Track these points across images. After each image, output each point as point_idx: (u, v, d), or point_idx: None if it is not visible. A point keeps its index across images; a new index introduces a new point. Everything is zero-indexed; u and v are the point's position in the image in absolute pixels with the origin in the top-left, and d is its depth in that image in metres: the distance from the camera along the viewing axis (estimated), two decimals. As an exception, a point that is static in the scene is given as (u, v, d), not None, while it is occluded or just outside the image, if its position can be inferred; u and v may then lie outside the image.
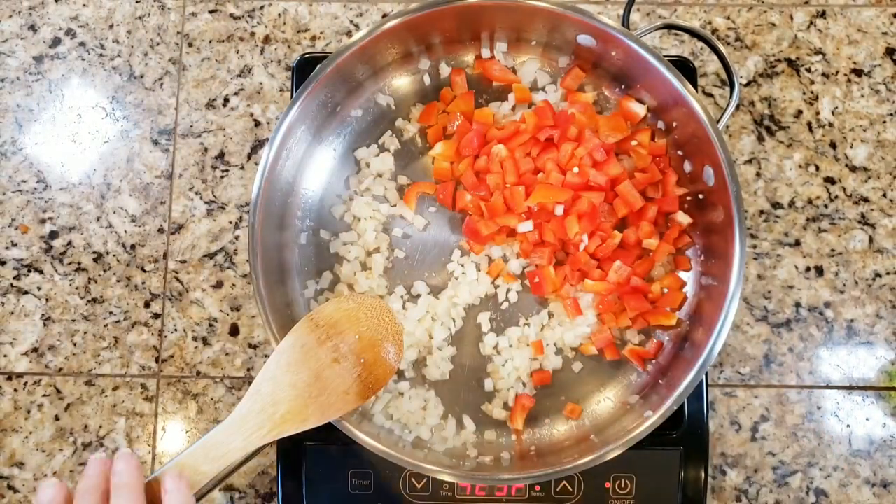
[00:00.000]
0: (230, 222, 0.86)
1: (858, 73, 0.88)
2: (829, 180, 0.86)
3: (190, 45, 0.90)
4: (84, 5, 0.91)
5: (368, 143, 0.82)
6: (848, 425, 0.81)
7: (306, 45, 0.90)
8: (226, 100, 0.89)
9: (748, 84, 0.88)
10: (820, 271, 0.84)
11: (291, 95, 0.87)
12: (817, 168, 0.86)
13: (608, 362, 0.77)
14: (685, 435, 0.76)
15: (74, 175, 0.87)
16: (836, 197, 0.85)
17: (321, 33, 0.90)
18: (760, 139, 0.86)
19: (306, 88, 0.72)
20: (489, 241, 0.79)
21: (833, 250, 0.84)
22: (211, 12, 0.91)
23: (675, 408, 0.67)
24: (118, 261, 0.85)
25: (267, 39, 0.90)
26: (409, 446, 0.73)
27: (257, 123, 0.88)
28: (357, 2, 0.91)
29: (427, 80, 0.82)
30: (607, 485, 0.75)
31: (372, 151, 0.81)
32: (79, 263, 0.85)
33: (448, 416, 0.76)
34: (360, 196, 0.80)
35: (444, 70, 0.82)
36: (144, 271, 0.85)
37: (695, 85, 0.83)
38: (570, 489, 0.75)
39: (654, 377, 0.75)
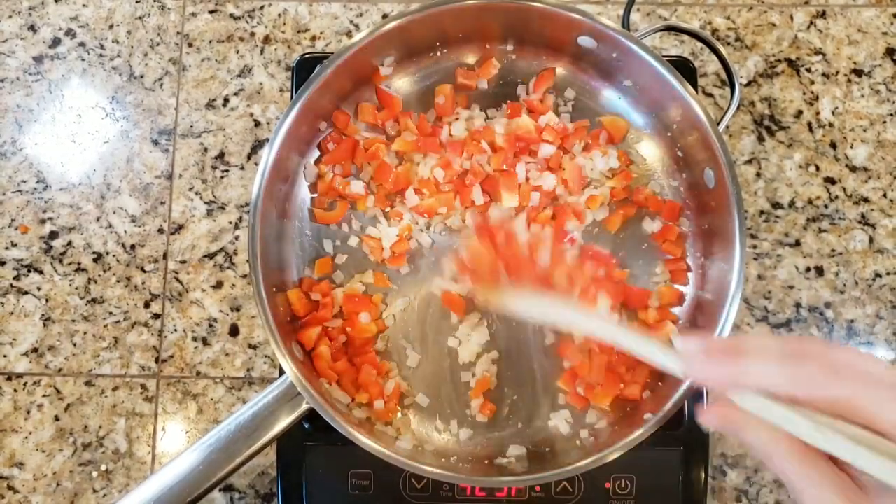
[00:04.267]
0: (230, 222, 0.86)
1: (859, 73, 0.88)
2: (830, 180, 0.86)
3: (190, 45, 0.90)
4: (84, 5, 0.91)
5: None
6: (848, 426, 0.81)
7: (306, 45, 0.90)
8: (226, 100, 0.88)
9: (748, 84, 0.88)
10: (820, 271, 0.84)
11: (291, 96, 0.87)
12: (817, 168, 0.86)
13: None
14: (685, 435, 0.76)
15: (74, 175, 0.87)
16: (837, 197, 0.85)
17: (321, 33, 0.90)
18: (760, 139, 0.86)
19: (306, 89, 0.72)
20: None
21: (833, 250, 0.84)
22: (211, 12, 0.91)
23: (676, 409, 0.67)
24: (118, 261, 0.85)
25: (267, 39, 0.90)
26: (408, 448, 0.73)
27: (257, 123, 0.88)
28: (357, 2, 0.91)
29: (427, 81, 0.82)
30: (607, 485, 0.75)
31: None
32: (79, 264, 0.85)
33: (450, 421, 0.77)
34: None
35: (444, 71, 0.82)
36: (144, 271, 0.85)
37: (695, 85, 0.83)
38: (571, 490, 0.75)
39: (654, 378, 0.75)
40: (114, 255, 0.85)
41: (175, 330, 0.84)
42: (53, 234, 0.86)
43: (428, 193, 0.78)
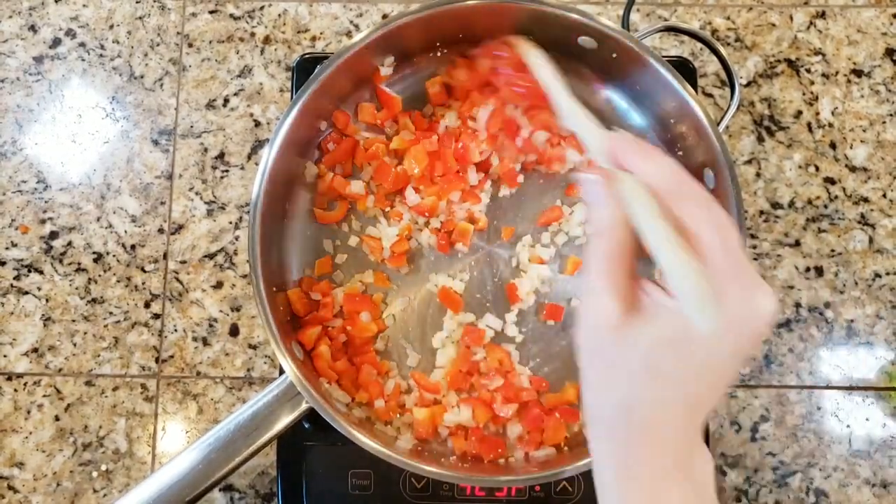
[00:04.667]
0: (230, 223, 0.86)
1: (858, 73, 0.88)
2: (829, 181, 0.86)
3: (190, 45, 0.90)
4: (84, 6, 0.92)
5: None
6: (848, 425, 0.81)
7: (306, 45, 0.90)
8: (226, 100, 0.89)
9: (748, 84, 0.88)
10: (820, 271, 0.84)
11: (291, 96, 0.87)
12: (817, 168, 0.86)
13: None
14: (685, 435, 0.76)
15: (74, 175, 0.88)
16: (836, 197, 0.85)
17: (321, 34, 0.90)
18: (760, 139, 0.86)
19: (306, 89, 0.72)
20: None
21: (833, 251, 0.84)
22: (211, 13, 0.91)
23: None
24: (118, 261, 0.85)
25: (267, 40, 0.90)
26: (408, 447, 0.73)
27: (257, 124, 0.88)
28: (357, 2, 0.91)
29: (426, 81, 0.82)
30: (607, 485, 0.75)
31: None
32: (79, 264, 0.85)
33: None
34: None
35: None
36: (144, 272, 0.85)
37: (694, 86, 0.83)
38: (571, 489, 0.75)
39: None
40: (114, 255, 0.86)
41: (175, 330, 0.84)
42: (53, 234, 0.86)
43: (424, 189, 0.78)
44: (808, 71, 0.88)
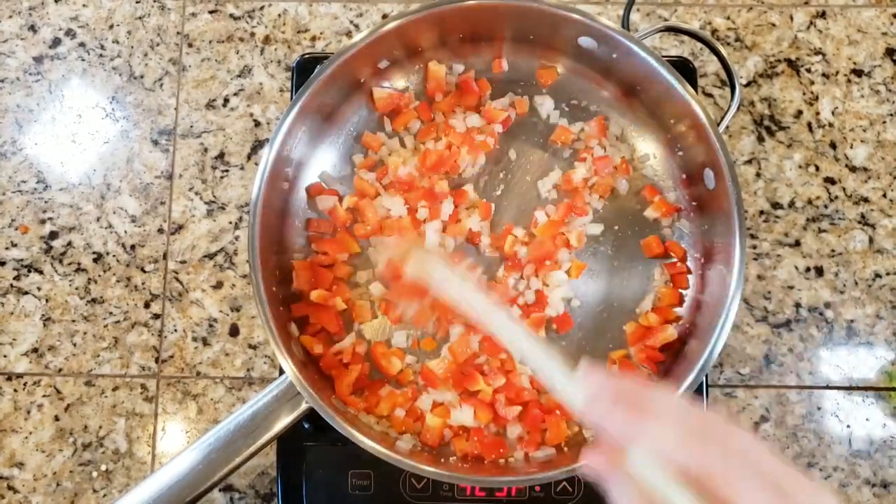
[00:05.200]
0: (230, 223, 0.86)
1: (858, 73, 0.88)
2: (829, 180, 0.86)
3: (190, 45, 0.90)
4: (84, 5, 0.91)
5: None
6: (848, 426, 0.81)
7: (306, 45, 0.90)
8: (226, 100, 0.89)
9: (748, 84, 0.88)
10: (820, 272, 0.84)
11: (291, 96, 0.87)
12: (817, 168, 0.86)
13: (608, 363, 0.77)
14: (685, 435, 0.76)
15: (74, 175, 0.87)
16: (836, 197, 0.85)
17: (321, 34, 0.90)
18: (760, 139, 0.86)
19: (306, 89, 0.72)
20: None
21: (833, 251, 0.84)
22: (211, 12, 0.91)
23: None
24: (118, 261, 0.85)
25: (267, 40, 0.90)
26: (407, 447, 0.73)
27: (257, 124, 0.88)
28: (357, 2, 0.91)
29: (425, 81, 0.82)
30: (607, 485, 0.75)
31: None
32: (79, 264, 0.85)
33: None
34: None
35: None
36: (144, 272, 0.85)
37: (695, 86, 0.83)
38: (570, 489, 0.75)
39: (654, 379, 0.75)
40: (114, 256, 0.86)
41: (175, 330, 0.84)
42: (53, 235, 0.86)
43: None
44: (809, 71, 0.88)
